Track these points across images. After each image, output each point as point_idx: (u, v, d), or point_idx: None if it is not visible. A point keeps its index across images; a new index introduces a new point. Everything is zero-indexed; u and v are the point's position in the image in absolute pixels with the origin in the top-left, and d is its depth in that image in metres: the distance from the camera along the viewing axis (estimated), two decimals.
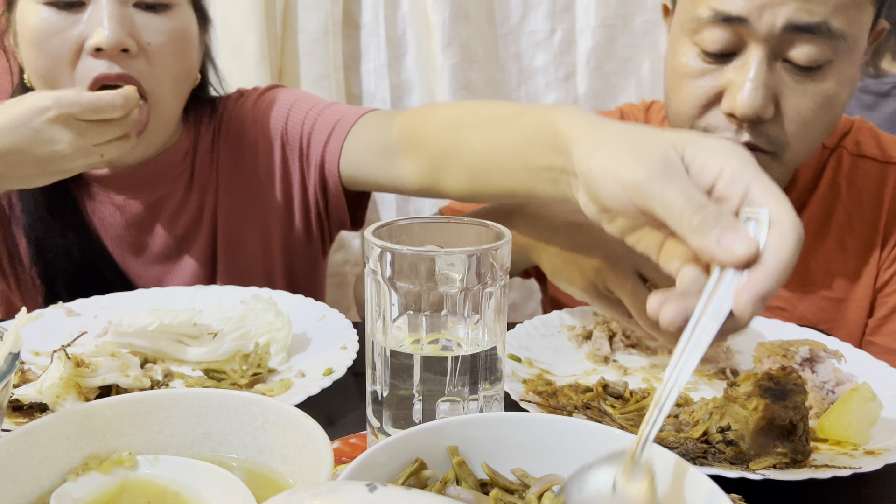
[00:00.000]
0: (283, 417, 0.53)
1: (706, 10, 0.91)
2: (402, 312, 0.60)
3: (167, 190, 1.11)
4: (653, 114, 1.21)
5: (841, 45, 0.89)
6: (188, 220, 1.13)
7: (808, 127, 0.93)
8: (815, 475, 0.60)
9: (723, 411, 0.65)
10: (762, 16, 0.87)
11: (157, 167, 1.09)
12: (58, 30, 0.95)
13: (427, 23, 1.68)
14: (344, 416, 0.75)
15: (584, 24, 1.73)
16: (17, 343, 0.49)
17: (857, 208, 1.07)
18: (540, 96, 1.78)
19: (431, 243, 0.64)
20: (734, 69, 0.92)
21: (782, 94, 0.92)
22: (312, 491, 0.38)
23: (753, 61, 0.89)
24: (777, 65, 0.91)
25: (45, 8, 0.95)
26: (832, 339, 0.84)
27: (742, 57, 0.91)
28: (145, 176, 1.09)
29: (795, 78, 0.91)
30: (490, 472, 0.51)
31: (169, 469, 0.52)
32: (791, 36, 0.88)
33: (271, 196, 1.13)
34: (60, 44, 0.95)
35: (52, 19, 0.94)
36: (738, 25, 0.89)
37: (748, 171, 0.53)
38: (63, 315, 0.92)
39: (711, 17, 0.91)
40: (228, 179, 1.13)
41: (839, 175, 1.08)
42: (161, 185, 1.10)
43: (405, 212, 1.81)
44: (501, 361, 0.63)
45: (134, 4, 0.96)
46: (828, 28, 0.88)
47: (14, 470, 0.49)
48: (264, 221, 1.14)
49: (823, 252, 1.08)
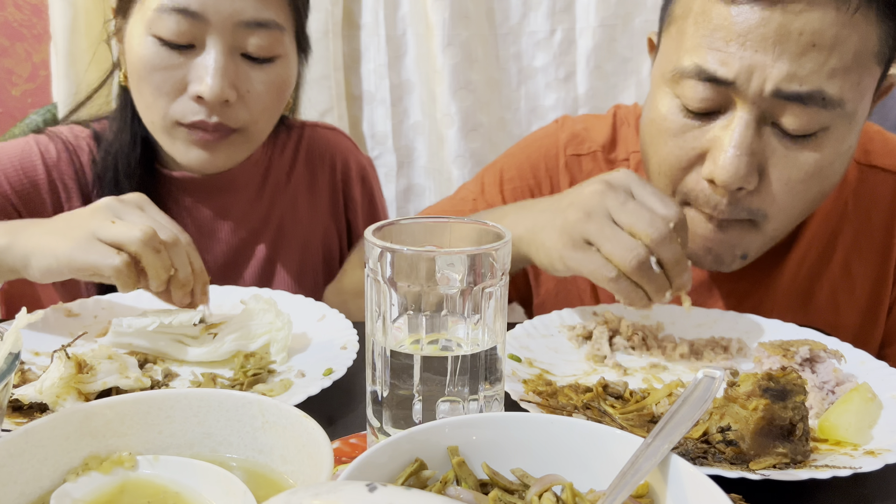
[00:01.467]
0: (283, 417, 0.53)
1: (690, 63, 0.82)
2: (402, 312, 0.60)
3: (235, 197, 1.16)
4: None
5: (838, 112, 0.80)
6: (253, 227, 1.18)
7: (795, 198, 0.85)
8: (815, 475, 0.60)
9: (723, 411, 0.65)
10: (751, 79, 0.79)
11: (230, 176, 1.14)
12: (164, 66, 0.97)
13: (427, 23, 1.68)
14: (344, 416, 0.75)
15: (584, 24, 1.73)
16: (17, 343, 0.49)
17: (865, 227, 0.96)
18: (540, 96, 1.78)
19: (431, 243, 0.64)
20: (720, 127, 0.84)
21: (769, 162, 0.83)
22: (312, 491, 0.38)
23: (739, 125, 0.81)
24: (766, 129, 0.82)
25: (156, 41, 0.96)
26: (832, 339, 0.84)
27: (727, 116, 0.83)
28: (217, 184, 1.14)
29: (785, 144, 0.82)
30: (490, 473, 0.51)
31: (169, 469, 0.52)
32: (782, 102, 0.80)
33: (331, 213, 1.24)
34: (164, 80, 0.97)
35: (161, 54, 0.97)
36: (723, 86, 0.81)
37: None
38: (63, 315, 0.92)
39: (695, 73, 0.82)
40: (303, 194, 1.22)
41: (844, 189, 0.97)
42: (230, 192, 1.15)
43: (405, 212, 1.81)
44: (501, 361, 0.63)
45: (241, 54, 0.98)
46: (822, 97, 0.78)
47: (14, 470, 0.49)
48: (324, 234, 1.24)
49: (828, 279, 0.98)
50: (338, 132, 1.31)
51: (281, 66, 1.02)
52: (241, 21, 0.97)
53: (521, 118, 1.80)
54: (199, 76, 0.96)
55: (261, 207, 1.19)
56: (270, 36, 0.99)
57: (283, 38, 1.01)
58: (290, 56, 1.05)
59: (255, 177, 1.18)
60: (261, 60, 1.00)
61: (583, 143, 1.12)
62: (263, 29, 0.98)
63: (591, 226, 0.79)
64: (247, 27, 0.97)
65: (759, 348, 0.81)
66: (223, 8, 0.95)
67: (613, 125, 1.12)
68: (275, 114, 1.06)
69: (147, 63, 0.97)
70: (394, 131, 1.79)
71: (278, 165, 1.21)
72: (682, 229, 0.79)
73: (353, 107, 1.80)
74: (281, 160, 1.21)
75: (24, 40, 1.91)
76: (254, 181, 1.18)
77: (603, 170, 1.10)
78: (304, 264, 1.21)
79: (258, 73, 1.00)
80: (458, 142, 1.72)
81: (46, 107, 1.86)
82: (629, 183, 0.81)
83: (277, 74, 1.02)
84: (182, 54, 0.97)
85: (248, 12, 0.97)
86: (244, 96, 1.00)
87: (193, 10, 0.95)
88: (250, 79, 1.00)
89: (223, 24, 0.96)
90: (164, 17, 0.95)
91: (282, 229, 1.20)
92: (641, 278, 0.78)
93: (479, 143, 1.74)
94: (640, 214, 0.77)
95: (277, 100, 1.04)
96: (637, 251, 0.76)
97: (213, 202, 1.14)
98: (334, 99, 1.72)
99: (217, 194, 1.14)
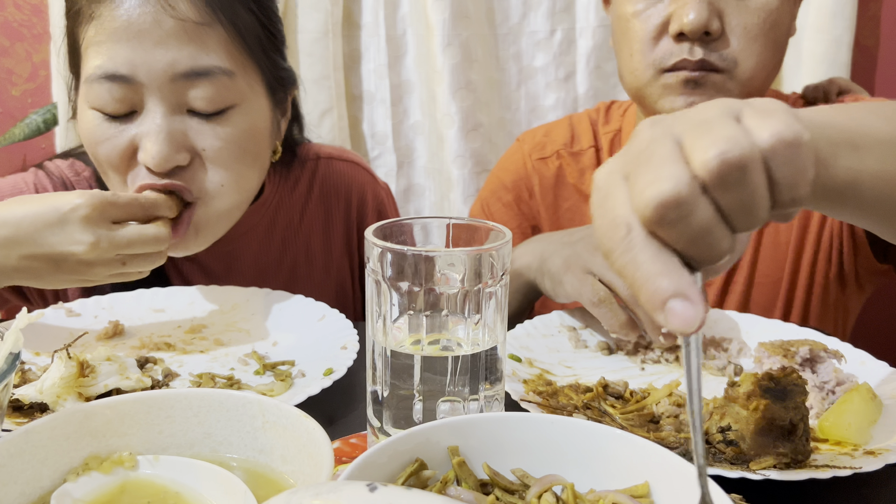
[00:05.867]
0: (284, 417, 0.53)
1: None
2: (402, 313, 0.60)
3: (243, 241, 1.09)
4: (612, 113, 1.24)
5: None
6: (263, 270, 1.13)
7: (754, 42, 0.97)
8: (815, 475, 0.60)
9: (723, 411, 0.65)
10: None
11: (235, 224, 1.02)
12: (107, 137, 0.88)
13: (427, 23, 1.68)
14: (344, 416, 0.75)
15: (584, 24, 1.73)
16: (17, 343, 0.49)
17: None
18: (540, 96, 1.78)
19: (431, 243, 0.64)
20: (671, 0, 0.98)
21: (725, 13, 0.97)
22: (312, 491, 0.38)
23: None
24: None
25: (96, 115, 0.88)
26: (832, 339, 0.84)
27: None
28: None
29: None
30: (491, 473, 0.51)
31: (169, 469, 0.52)
32: None
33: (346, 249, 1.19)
34: (110, 151, 0.88)
35: (102, 127, 0.88)
36: None
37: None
38: (63, 315, 0.92)
39: None
40: (318, 233, 1.16)
41: None
42: (237, 237, 1.07)
43: (405, 212, 1.81)
44: (501, 361, 0.63)
45: (188, 110, 0.88)
46: None
47: (14, 470, 0.49)
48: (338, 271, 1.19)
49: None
50: (355, 164, 1.21)
51: (239, 115, 0.90)
52: (177, 74, 0.86)
53: (521, 118, 1.80)
54: (143, 144, 0.87)
55: (272, 250, 1.12)
56: (216, 84, 0.87)
57: (233, 84, 0.89)
58: (252, 101, 0.92)
59: (264, 218, 1.10)
60: (212, 114, 0.88)
61: (545, 148, 1.25)
62: (205, 78, 0.87)
63: (597, 258, 0.86)
64: (186, 79, 0.86)
65: (759, 348, 0.81)
66: (154, 65, 0.85)
67: (570, 125, 1.26)
68: (244, 171, 0.93)
69: (91, 138, 0.89)
70: (394, 131, 1.79)
71: (289, 204, 1.13)
72: None
73: (353, 107, 1.80)
74: (292, 198, 1.14)
75: (24, 40, 1.91)
76: (262, 223, 1.10)
77: (569, 163, 1.23)
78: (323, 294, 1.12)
79: (212, 127, 0.88)
80: (458, 142, 1.72)
81: (46, 107, 1.86)
82: None
83: (236, 126, 0.90)
84: (124, 122, 0.88)
85: (182, 63, 0.86)
86: (201, 155, 0.89)
87: (122, 74, 0.85)
88: (205, 135, 0.88)
89: (158, 82, 0.85)
90: (96, 88, 0.86)
91: (295, 271, 1.15)
92: (635, 306, 0.82)
93: (479, 143, 1.74)
94: None
95: (242, 154, 0.91)
96: None
97: (221, 248, 1.04)
98: (334, 99, 1.72)
99: (222, 240, 1.00)
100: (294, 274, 1.15)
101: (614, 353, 0.88)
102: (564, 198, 1.22)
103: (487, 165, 1.76)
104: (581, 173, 1.22)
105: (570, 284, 0.87)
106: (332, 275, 1.19)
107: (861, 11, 1.64)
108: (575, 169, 1.22)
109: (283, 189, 1.13)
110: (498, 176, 1.28)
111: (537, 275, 0.97)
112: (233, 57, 0.89)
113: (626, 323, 0.83)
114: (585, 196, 1.21)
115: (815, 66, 1.62)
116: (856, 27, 1.63)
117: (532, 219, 1.24)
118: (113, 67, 0.85)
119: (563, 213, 1.23)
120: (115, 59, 0.85)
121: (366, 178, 1.22)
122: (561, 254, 0.92)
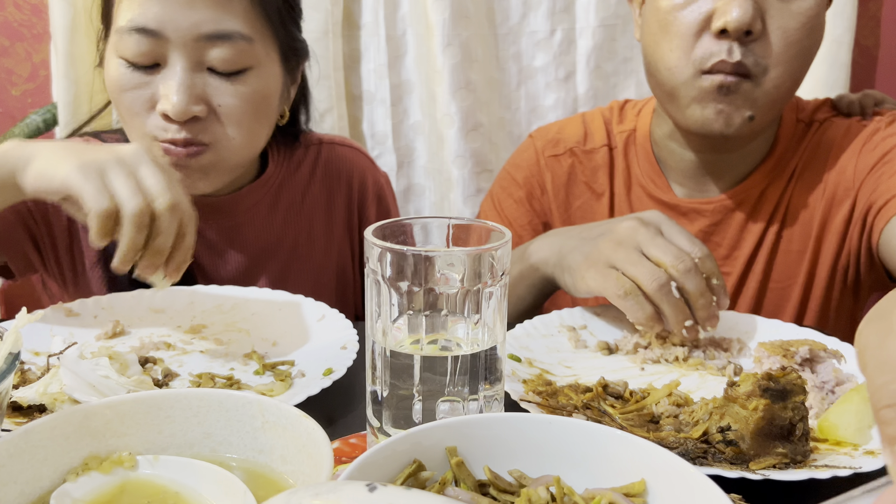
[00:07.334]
0: (283, 417, 0.53)
1: None
2: (402, 312, 0.60)
3: (245, 217, 1.13)
4: (627, 112, 1.24)
5: None
6: (264, 248, 1.15)
7: (791, 47, 0.98)
8: (815, 475, 0.60)
9: (723, 411, 0.65)
10: None
11: (238, 196, 1.11)
12: (132, 86, 0.96)
13: (427, 23, 1.68)
14: (344, 416, 0.75)
15: (584, 24, 1.73)
16: (17, 343, 0.49)
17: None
18: (540, 96, 1.78)
19: (431, 243, 0.64)
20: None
21: (767, 14, 0.97)
22: (312, 491, 0.38)
23: None
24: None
25: (123, 63, 0.96)
26: (832, 339, 0.84)
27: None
28: (226, 204, 1.11)
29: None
30: (492, 476, 0.51)
31: (169, 469, 0.52)
32: None
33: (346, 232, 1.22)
34: (133, 99, 0.96)
35: (127, 75, 0.96)
36: None
37: None
38: (63, 315, 0.92)
39: None
40: (320, 214, 1.19)
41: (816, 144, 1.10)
42: (239, 213, 1.12)
43: (405, 212, 1.81)
44: (501, 361, 0.63)
45: (208, 68, 0.96)
46: None
47: (14, 470, 0.49)
48: (338, 254, 1.21)
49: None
50: (356, 150, 1.27)
51: (254, 77, 0.99)
52: (201, 35, 0.94)
53: (521, 118, 1.80)
54: (164, 94, 0.95)
55: (273, 228, 1.16)
56: (235, 48, 0.96)
57: (251, 48, 0.97)
58: (267, 66, 1.01)
59: (267, 196, 1.15)
60: (229, 73, 0.97)
61: (558, 145, 1.24)
62: (226, 41, 0.95)
63: (620, 254, 0.85)
64: (208, 40, 0.94)
65: (759, 348, 0.81)
66: (181, 23, 0.93)
67: (583, 122, 1.25)
68: (255, 127, 1.02)
69: (116, 85, 0.97)
70: (394, 131, 1.79)
71: (292, 184, 1.18)
72: (707, 264, 0.85)
73: (353, 107, 1.80)
74: (295, 179, 1.18)
75: (24, 40, 1.90)
76: (265, 201, 1.14)
77: (581, 161, 1.22)
78: (318, 286, 1.19)
79: (229, 86, 0.97)
80: (458, 142, 1.72)
81: (46, 107, 1.86)
82: (660, 222, 0.88)
83: (250, 86, 0.98)
84: (148, 73, 0.96)
85: (207, 25, 0.94)
86: (216, 111, 0.97)
87: (152, 29, 0.93)
88: (221, 92, 0.97)
89: (183, 39, 0.94)
90: (125, 39, 0.94)
91: (296, 251, 1.18)
92: (661, 300, 0.82)
93: (479, 143, 1.74)
94: (668, 249, 0.84)
95: (255, 112, 1.00)
96: (659, 275, 0.83)
97: (222, 222, 1.11)
98: (334, 99, 1.72)
99: (226, 214, 1.10)
100: (295, 253, 1.18)
101: (614, 354, 0.88)
102: (576, 196, 1.22)
103: (487, 165, 1.76)
104: (593, 172, 1.21)
105: (592, 279, 0.87)
106: (333, 256, 1.21)
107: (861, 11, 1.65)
108: (587, 167, 1.21)
109: (286, 168, 1.17)
110: (509, 172, 1.27)
111: (556, 270, 0.97)
112: (253, 24, 0.98)
113: (651, 316, 0.83)
114: (597, 194, 1.21)
115: (816, 66, 1.62)
116: (856, 27, 1.63)
117: (543, 215, 1.24)
118: (143, 21, 0.93)
119: (575, 211, 1.22)
120: (147, 13, 0.93)
121: (366, 163, 1.26)
122: (581, 249, 0.91)
